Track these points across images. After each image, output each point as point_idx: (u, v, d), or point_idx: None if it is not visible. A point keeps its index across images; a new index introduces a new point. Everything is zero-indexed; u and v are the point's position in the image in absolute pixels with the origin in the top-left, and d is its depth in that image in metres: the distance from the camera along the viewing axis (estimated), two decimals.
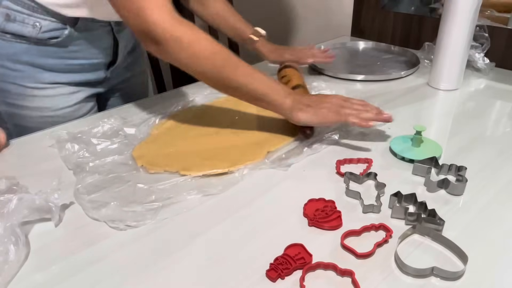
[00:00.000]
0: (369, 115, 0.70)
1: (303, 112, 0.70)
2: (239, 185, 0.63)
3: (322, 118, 0.70)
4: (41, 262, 0.50)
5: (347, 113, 0.69)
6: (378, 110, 0.71)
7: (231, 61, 0.69)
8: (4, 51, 0.79)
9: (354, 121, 0.69)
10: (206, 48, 0.67)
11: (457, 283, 0.46)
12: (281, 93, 0.71)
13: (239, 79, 0.69)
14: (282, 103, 0.71)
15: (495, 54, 1.05)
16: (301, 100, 0.71)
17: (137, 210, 0.57)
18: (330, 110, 0.70)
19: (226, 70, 0.68)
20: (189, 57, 0.66)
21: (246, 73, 0.70)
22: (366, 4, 1.33)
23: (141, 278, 0.47)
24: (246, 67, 0.70)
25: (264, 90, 0.70)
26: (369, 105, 0.72)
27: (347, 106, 0.70)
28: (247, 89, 0.70)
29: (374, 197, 0.59)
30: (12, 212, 0.51)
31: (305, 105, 0.70)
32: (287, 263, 0.47)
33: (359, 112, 0.70)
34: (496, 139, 0.75)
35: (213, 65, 0.68)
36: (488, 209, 0.57)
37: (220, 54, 0.68)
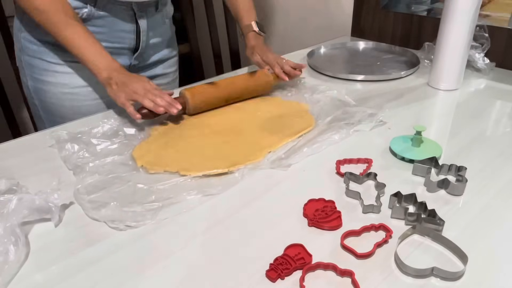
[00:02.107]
0: (159, 101, 0.74)
1: (110, 88, 0.77)
2: (239, 185, 0.63)
3: (114, 99, 0.76)
4: (41, 262, 0.50)
5: (134, 98, 0.75)
6: (172, 101, 0.76)
7: (65, 20, 0.77)
8: (33, 28, 0.85)
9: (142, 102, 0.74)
10: (42, 2, 0.76)
11: (457, 283, 0.46)
12: (102, 65, 0.77)
13: (68, 38, 0.77)
14: (98, 74, 0.77)
15: (495, 54, 1.05)
16: (114, 76, 0.76)
17: (137, 210, 0.57)
18: (123, 95, 0.75)
19: (57, 26, 0.77)
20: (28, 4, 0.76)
21: (76, 35, 0.77)
22: (366, 4, 1.33)
23: (141, 278, 0.47)
24: (78, 30, 0.77)
25: (87, 57, 0.77)
26: (166, 96, 0.77)
27: (141, 94, 0.75)
28: (75, 51, 0.77)
29: (374, 197, 0.59)
30: (12, 212, 0.51)
31: (114, 82, 0.76)
32: (287, 263, 0.47)
33: (148, 99, 0.74)
34: (496, 139, 0.75)
35: (46, 18, 0.76)
36: (488, 209, 0.57)
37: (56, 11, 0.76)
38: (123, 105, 0.75)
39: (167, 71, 1.05)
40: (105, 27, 0.86)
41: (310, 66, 1.11)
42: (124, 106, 0.75)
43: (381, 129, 0.78)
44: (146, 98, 0.74)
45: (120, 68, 0.78)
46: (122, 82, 0.76)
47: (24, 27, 0.86)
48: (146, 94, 0.75)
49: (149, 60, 0.98)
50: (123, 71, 0.79)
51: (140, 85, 0.76)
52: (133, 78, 0.77)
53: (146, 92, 0.75)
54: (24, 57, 0.89)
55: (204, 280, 0.47)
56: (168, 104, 0.75)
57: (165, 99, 0.76)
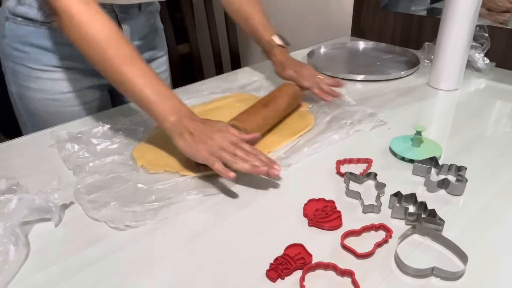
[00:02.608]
0: (255, 163, 0.60)
1: (181, 138, 0.62)
2: (239, 185, 0.63)
3: (192, 153, 0.62)
4: (41, 262, 0.50)
5: (221, 157, 0.60)
6: (268, 161, 0.61)
7: (123, 54, 0.65)
8: (15, 34, 0.82)
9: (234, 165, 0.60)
10: (98, 32, 0.64)
11: (457, 283, 0.46)
12: (168, 108, 0.64)
13: (126, 76, 0.64)
14: (164, 119, 0.63)
15: (495, 54, 1.05)
16: (187, 123, 0.63)
17: (137, 210, 0.57)
18: (206, 148, 0.61)
19: (114, 61, 0.64)
20: (79, 37, 0.65)
21: (137, 72, 0.64)
22: (366, 4, 1.33)
23: (141, 278, 0.47)
24: (140, 65, 0.65)
25: (149, 97, 0.64)
26: (261, 154, 0.63)
27: (229, 150, 0.61)
28: (133, 90, 0.64)
29: (374, 197, 0.59)
30: (12, 212, 0.51)
31: (187, 131, 0.62)
32: (287, 263, 0.47)
33: (240, 159, 0.60)
34: (496, 139, 0.75)
35: (101, 52, 0.64)
36: (488, 209, 0.57)
37: (113, 43, 0.64)
38: (206, 161, 0.60)
39: (157, 71, 1.00)
40: None
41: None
42: (209, 162, 0.60)
43: (381, 129, 0.78)
44: (237, 159, 0.60)
45: (190, 114, 0.65)
46: (200, 131, 0.62)
47: (6, 33, 0.82)
48: (236, 151, 0.61)
49: None
50: (194, 116, 0.65)
51: (222, 136, 0.62)
52: (211, 127, 0.64)
53: (235, 148, 0.61)
54: (7, 63, 0.86)
55: (204, 280, 0.47)
56: (266, 165, 0.60)
57: (261, 158, 0.61)
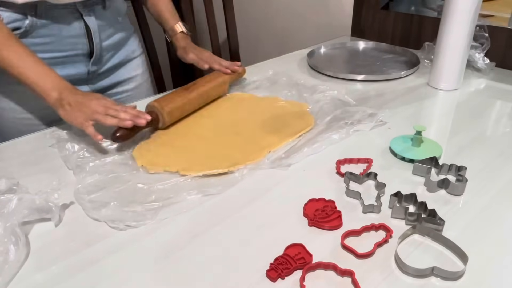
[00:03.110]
0: (124, 115, 0.69)
1: (63, 109, 0.70)
2: (239, 185, 0.63)
3: (70, 120, 0.70)
4: (41, 262, 0.50)
5: (94, 119, 0.68)
6: (137, 113, 0.71)
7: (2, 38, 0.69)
8: None
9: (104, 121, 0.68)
10: None
11: (457, 283, 0.46)
12: (49, 85, 0.70)
13: (6, 60, 0.69)
14: (47, 95, 0.70)
15: (495, 54, 1.05)
16: (67, 96, 0.70)
17: (137, 210, 0.57)
18: (81, 115, 0.68)
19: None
20: None
21: (13, 55, 0.69)
22: (366, 4, 1.33)
23: (141, 278, 0.47)
24: (18, 50, 0.70)
25: (31, 79, 0.70)
26: (131, 108, 0.71)
27: (101, 112, 0.69)
28: (16, 72, 0.70)
29: (374, 197, 0.59)
30: (12, 212, 0.51)
31: (67, 103, 0.69)
32: (287, 263, 0.47)
33: (110, 117, 0.68)
34: (496, 139, 0.75)
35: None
36: (488, 209, 0.57)
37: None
38: (81, 125, 0.69)
39: (132, 74, 1.00)
40: (52, 36, 0.80)
41: (310, 66, 1.11)
42: (83, 127, 0.69)
43: (381, 129, 0.78)
44: (107, 116, 0.68)
45: (71, 87, 0.72)
46: (77, 101, 0.69)
47: None
48: (107, 111, 0.69)
49: (108, 64, 0.92)
50: (75, 89, 0.72)
51: (97, 102, 0.70)
52: (88, 96, 0.71)
53: (107, 109, 0.69)
54: None
55: (204, 280, 0.47)
56: (134, 116, 0.69)
57: (130, 112, 0.70)
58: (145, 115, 0.71)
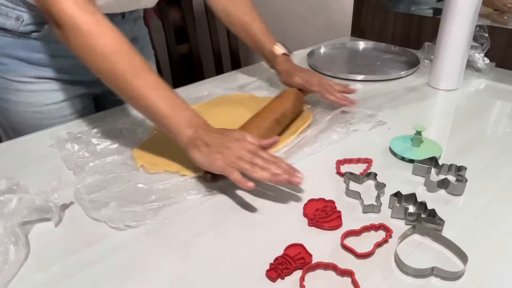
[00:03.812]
0: (275, 171, 0.57)
1: (197, 150, 0.60)
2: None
3: (209, 164, 0.59)
4: (41, 262, 0.50)
5: (239, 167, 0.57)
6: (289, 169, 0.59)
7: (135, 66, 0.61)
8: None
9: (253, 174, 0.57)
10: (108, 45, 0.60)
11: (457, 283, 0.46)
12: (183, 121, 0.61)
13: (139, 89, 0.61)
14: (180, 133, 0.61)
15: (495, 54, 1.05)
16: (203, 136, 0.60)
17: (137, 210, 0.57)
18: (222, 158, 0.58)
19: (125, 75, 0.61)
20: (85, 48, 0.60)
21: (150, 85, 0.61)
22: (366, 4, 1.33)
23: (141, 278, 0.47)
24: (153, 78, 0.62)
25: (164, 111, 0.61)
26: (281, 161, 0.60)
27: (246, 159, 0.58)
28: (146, 104, 0.61)
29: (374, 197, 0.59)
30: (12, 212, 0.51)
31: (203, 143, 0.60)
32: (287, 263, 0.47)
33: (259, 168, 0.58)
34: (496, 139, 0.75)
35: (112, 64, 0.60)
36: (488, 209, 0.57)
37: (124, 56, 0.61)
38: (224, 171, 0.58)
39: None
40: None
41: (310, 66, 1.11)
42: (227, 172, 0.58)
43: (381, 129, 0.78)
44: (256, 168, 0.57)
45: (206, 125, 0.63)
46: (216, 142, 0.60)
47: None
48: (254, 160, 0.58)
49: None
50: (210, 127, 0.63)
51: (240, 145, 0.59)
52: (229, 137, 0.61)
53: (253, 156, 0.58)
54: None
55: (204, 280, 0.47)
56: (287, 173, 0.57)
57: (281, 166, 0.58)
58: (298, 172, 0.58)
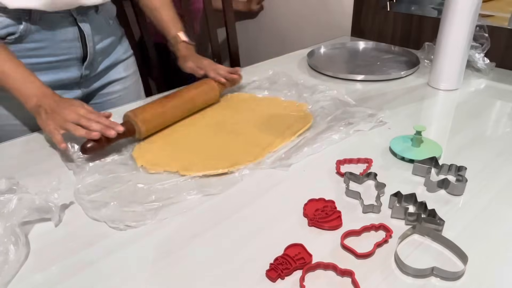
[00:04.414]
0: (95, 126, 0.67)
1: (39, 116, 0.69)
2: (239, 185, 0.63)
3: (43, 128, 0.69)
4: (41, 262, 0.50)
5: (65, 128, 0.67)
6: (110, 124, 0.68)
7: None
8: None
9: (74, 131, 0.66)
10: None
11: (457, 283, 0.46)
12: (29, 91, 0.70)
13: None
14: (26, 102, 0.70)
15: (495, 54, 1.05)
16: (45, 102, 0.69)
17: (137, 210, 0.57)
18: (53, 123, 0.67)
19: None
20: None
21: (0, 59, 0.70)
22: (366, 4, 1.33)
23: (141, 278, 0.47)
24: (3, 52, 0.70)
25: (13, 83, 0.70)
26: (103, 118, 0.69)
27: (73, 121, 0.67)
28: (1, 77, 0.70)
29: (374, 197, 0.59)
30: (12, 212, 0.51)
31: (43, 110, 0.68)
32: (287, 263, 0.47)
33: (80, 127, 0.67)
34: (496, 139, 0.75)
35: None
36: (488, 209, 0.57)
37: None
38: (50, 133, 0.67)
39: (124, 74, 0.99)
40: (46, 40, 0.80)
41: (310, 66, 1.11)
42: (51, 134, 0.67)
43: (381, 129, 0.78)
44: (78, 127, 0.66)
45: (51, 94, 0.71)
46: (52, 109, 0.68)
47: None
48: (80, 120, 0.67)
49: (100, 66, 0.93)
50: (54, 96, 0.71)
51: (71, 110, 0.68)
52: (63, 103, 0.69)
53: (80, 118, 0.67)
54: None
55: (204, 280, 0.47)
56: (104, 127, 0.67)
57: (102, 122, 0.68)
58: (117, 126, 0.69)
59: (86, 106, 0.70)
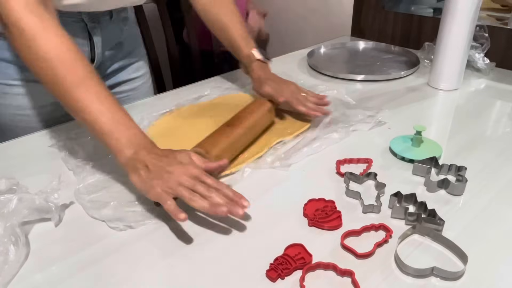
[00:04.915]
0: (216, 201, 0.52)
1: (137, 174, 0.55)
2: (239, 185, 0.63)
3: (146, 191, 0.54)
4: (41, 262, 0.50)
5: (178, 194, 0.53)
6: (234, 197, 0.54)
7: (77, 74, 0.57)
8: None
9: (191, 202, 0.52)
10: (51, 49, 0.57)
11: (457, 283, 0.46)
12: (124, 140, 0.56)
13: (79, 100, 0.56)
14: (119, 152, 0.56)
15: (495, 54, 1.05)
16: (144, 156, 0.55)
17: (137, 210, 0.57)
18: (161, 184, 0.53)
19: (66, 81, 0.56)
20: (28, 51, 0.57)
21: (92, 96, 0.57)
22: (366, 4, 1.33)
23: (141, 278, 0.47)
24: (97, 90, 0.58)
25: (104, 127, 0.57)
26: (226, 188, 0.55)
27: (187, 185, 0.53)
28: (85, 117, 0.57)
29: (374, 197, 0.59)
30: (12, 212, 0.51)
31: (143, 166, 0.55)
32: (287, 263, 0.47)
33: (199, 196, 0.53)
34: (496, 139, 0.75)
35: (52, 70, 0.56)
36: (488, 209, 0.57)
37: (66, 62, 0.57)
38: (159, 198, 0.53)
39: (132, 76, 0.96)
40: None
41: (310, 66, 1.11)
42: (161, 200, 0.52)
43: (381, 129, 0.78)
44: (195, 196, 0.52)
45: (150, 145, 0.58)
46: (157, 165, 0.55)
47: None
48: (195, 186, 0.53)
49: (107, 70, 0.90)
50: (155, 149, 0.58)
51: (183, 170, 0.54)
52: (173, 160, 0.56)
53: (195, 183, 0.53)
54: None
55: (204, 280, 0.47)
56: (230, 203, 0.53)
57: (224, 192, 0.54)
58: (243, 200, 0.53)
59: (197, 159, 0.57)
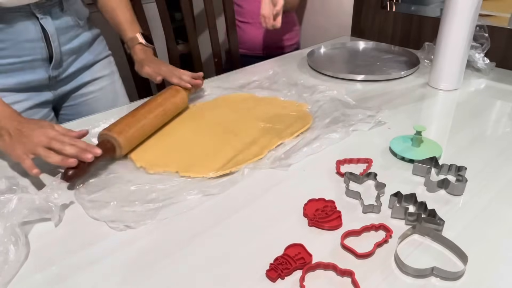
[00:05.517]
0: (70, 150, 0.60)
1: (1, 139, 0.63)
2: (239, 185, 0.63)
3: (8, 153, 0.62)
4: (41, 262, 0.50)
5: (36, 153, 0.60)
6: (86, 146, 0.62)
7: None
8: None
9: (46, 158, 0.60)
10: None
11: (457, 283, 0.46)
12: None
13: None
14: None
15: (495, 54, 1.05)
16: (6, 124, 0.63)
17: (137, 210, 0.57)
18: (22, 147, 0.61)
19: None
20: None
21: None
22: (366, 4, 1.33)
23: (141, 278, 0.47)
24: None
25: None
26: (79, 141, 0.62)
27: (44, 145, 0.61)
28: None
29: (374, 197, 0.59)
30: (12, 212, 0.51)
31: (6, 132, 0.62)
32: (287, 263, 0.47)
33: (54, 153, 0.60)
34: (496, 139, 0.75)
35: None
36: (488, 209, 0.57)
37: None
38: (19, 159, 0.61)
39: (97, 75, 0.95)
40: (7, 41, 0.76)
41: (310, 66, 1.11)
42: (20, 160, 0.61)
43: (381, 129, 0.78)
44: (50, 152, 0.60)
45: (13, 114, 0.65)
46: (17, 130, 0.62)
47: None
48: (51, 144, 0.61)
49: (70, 68, 0.89)
50: (17, 116, 0.65)
51: (41, 132, 0.61)
52: (30, 125, 0.63)
53: (50, 141, 0.61)
54: None
55: (204, 280, 0.47)
56: (80, 150, 0.61)
57: (78, 145, 0.61)
58: (95, 149, 0.62)
59: (56, 127, 0.64)
